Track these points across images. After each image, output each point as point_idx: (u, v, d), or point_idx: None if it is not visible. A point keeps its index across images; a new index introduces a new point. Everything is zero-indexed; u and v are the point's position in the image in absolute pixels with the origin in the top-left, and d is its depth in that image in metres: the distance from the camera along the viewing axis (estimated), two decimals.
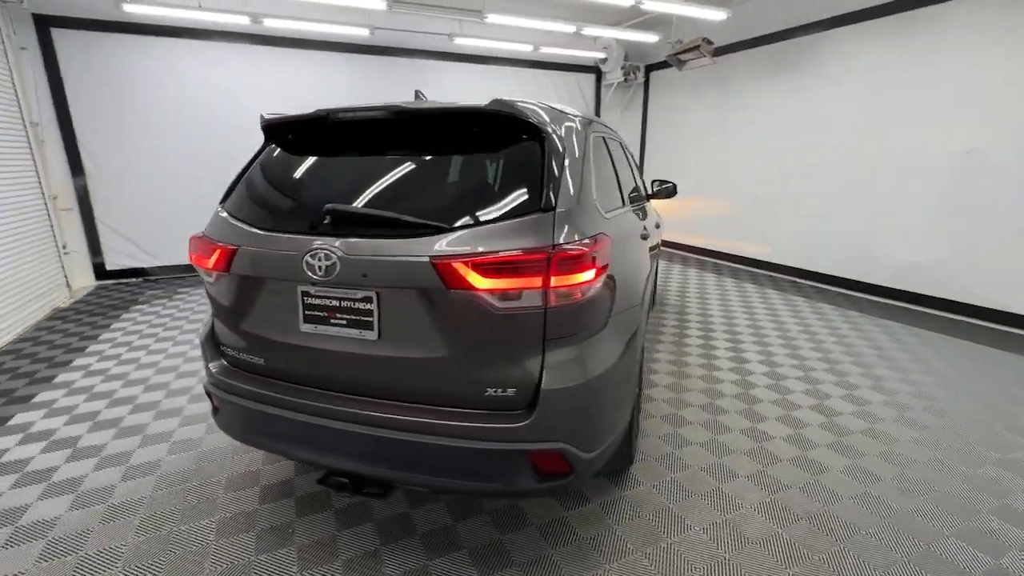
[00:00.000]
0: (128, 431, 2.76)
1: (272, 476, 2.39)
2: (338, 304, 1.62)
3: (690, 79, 7.35)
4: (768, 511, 2.16)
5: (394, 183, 1.71)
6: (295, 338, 1.70)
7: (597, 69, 8.36)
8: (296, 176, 1.90)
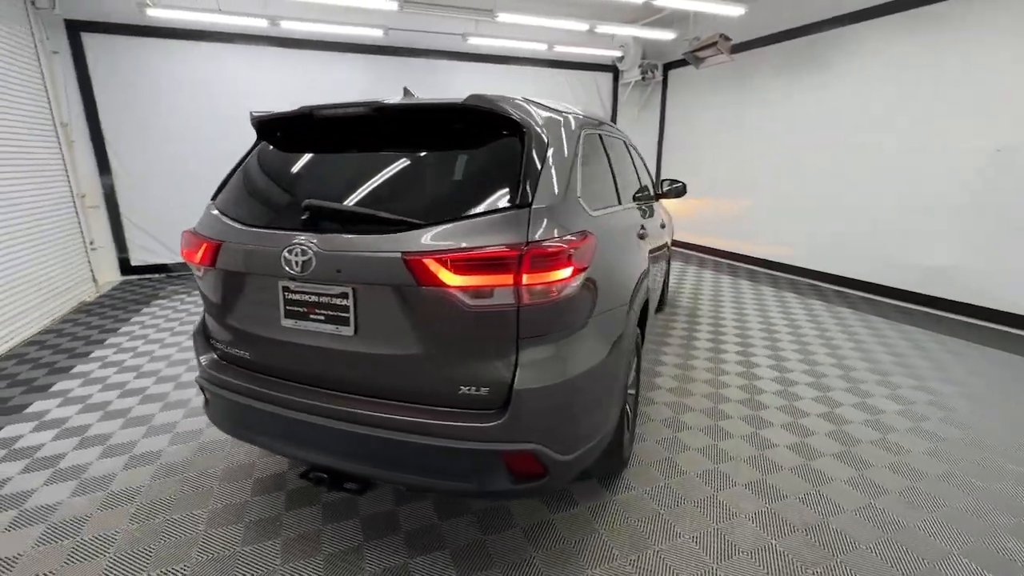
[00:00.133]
0: (135, 421, 2.85)
1: (265, 469, 2.43)
2: (316, 300, 1.63)
3: (708, 77, 7.19)
4: (763, 521, 2.08)
5: (375, 179, 1.71)
6: (277, 333, 1.72)
7: (615, 68, 8.25)
8: (281, 173, 1.92)
